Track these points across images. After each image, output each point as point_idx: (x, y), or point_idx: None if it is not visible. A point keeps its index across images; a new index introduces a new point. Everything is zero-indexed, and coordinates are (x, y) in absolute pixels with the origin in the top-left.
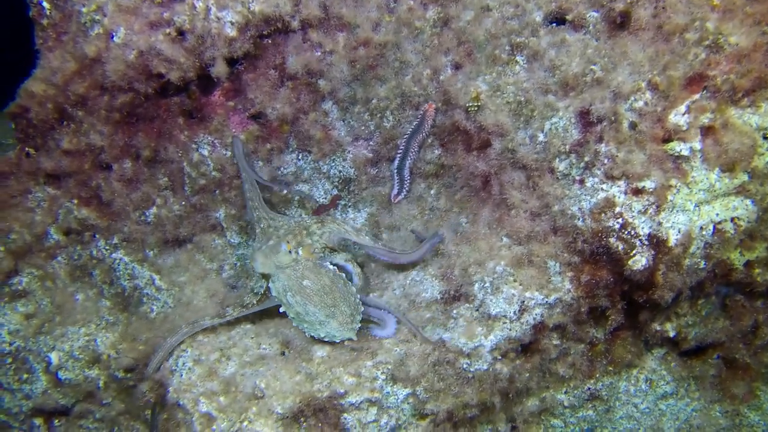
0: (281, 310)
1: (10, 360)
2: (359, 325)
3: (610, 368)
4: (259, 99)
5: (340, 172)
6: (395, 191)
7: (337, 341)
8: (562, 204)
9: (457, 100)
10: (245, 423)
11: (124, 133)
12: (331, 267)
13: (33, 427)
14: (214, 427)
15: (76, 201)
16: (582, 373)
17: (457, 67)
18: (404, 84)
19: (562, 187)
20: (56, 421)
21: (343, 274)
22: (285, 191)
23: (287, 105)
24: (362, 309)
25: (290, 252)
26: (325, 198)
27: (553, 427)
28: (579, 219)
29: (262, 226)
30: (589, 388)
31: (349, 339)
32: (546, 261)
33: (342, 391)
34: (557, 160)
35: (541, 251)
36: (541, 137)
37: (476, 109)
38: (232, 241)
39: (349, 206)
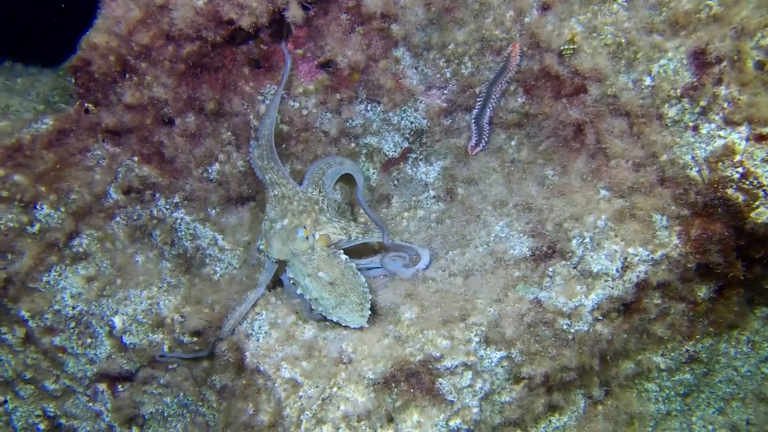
0: (298, 292)
1: (73, 324)
2: (369, 313)
3: (711, 329)
4: (330, 46)
5: (411, 123)
6: (473, 142)
7: (351, 326)
8: (671, 153)
9: (548, 43)
10: (335, 389)
11: (188, 85)
12: (343, 257)
13: (97, 392)
14: (301, 393)
15: (136, 158)
16: (681, 334)
17: (544, 7)
18: (484, 27)
19: (672, 134)
20: (120, 386)
21: (353, 264)
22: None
23: (359, 52)
24: (370, 298)
25: (307, 238)
26: (395, 151)
27: (647, 391)
28: (692, 168)
29: (275, 192)
30: (687, 350)
31: (360, 327)
32: (651, 214)
33: (438, 354)
34: (667, 105)
35: (645, 204)
36: (647, 81)
37: (571, 52)
38: None
39: (421, 159)
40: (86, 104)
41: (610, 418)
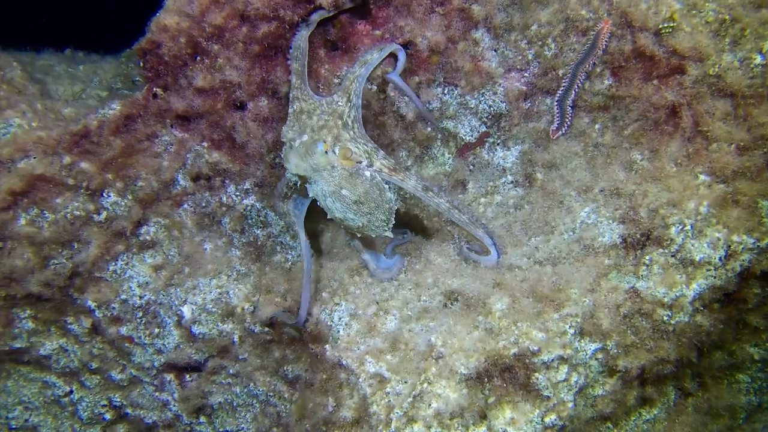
0: (319, 203)
1: (141, 314)
2: (392, 224)
3: None
4: (410, 26)
5: (489, 107)
6: (555, 125)
7: (373, 236)
8: None
9: (643, 21)
10: (426, 385)
11: (261, 67)
12: (367, 174)
13: (164, 382)
14: (388, 389)
15: (206, 144)
16: None
17: None
18: (570, 7)
19: None
20: (188, 376)
21: (379, 179)
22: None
23: (439, 33)
24: (395, 208)
25: (326, 152)
26: (472, 135)
27: (738, 382)
28: None
29: (294, 107)
30: None
31: (386, 236)
32: (756, 200)
33: (536, 348)
34: None
35: (750, 190)
36: (757, 59)
37: (670, 30)
38: None
39: (498, 144)
40: (155, 89)
41: (701, 410)
